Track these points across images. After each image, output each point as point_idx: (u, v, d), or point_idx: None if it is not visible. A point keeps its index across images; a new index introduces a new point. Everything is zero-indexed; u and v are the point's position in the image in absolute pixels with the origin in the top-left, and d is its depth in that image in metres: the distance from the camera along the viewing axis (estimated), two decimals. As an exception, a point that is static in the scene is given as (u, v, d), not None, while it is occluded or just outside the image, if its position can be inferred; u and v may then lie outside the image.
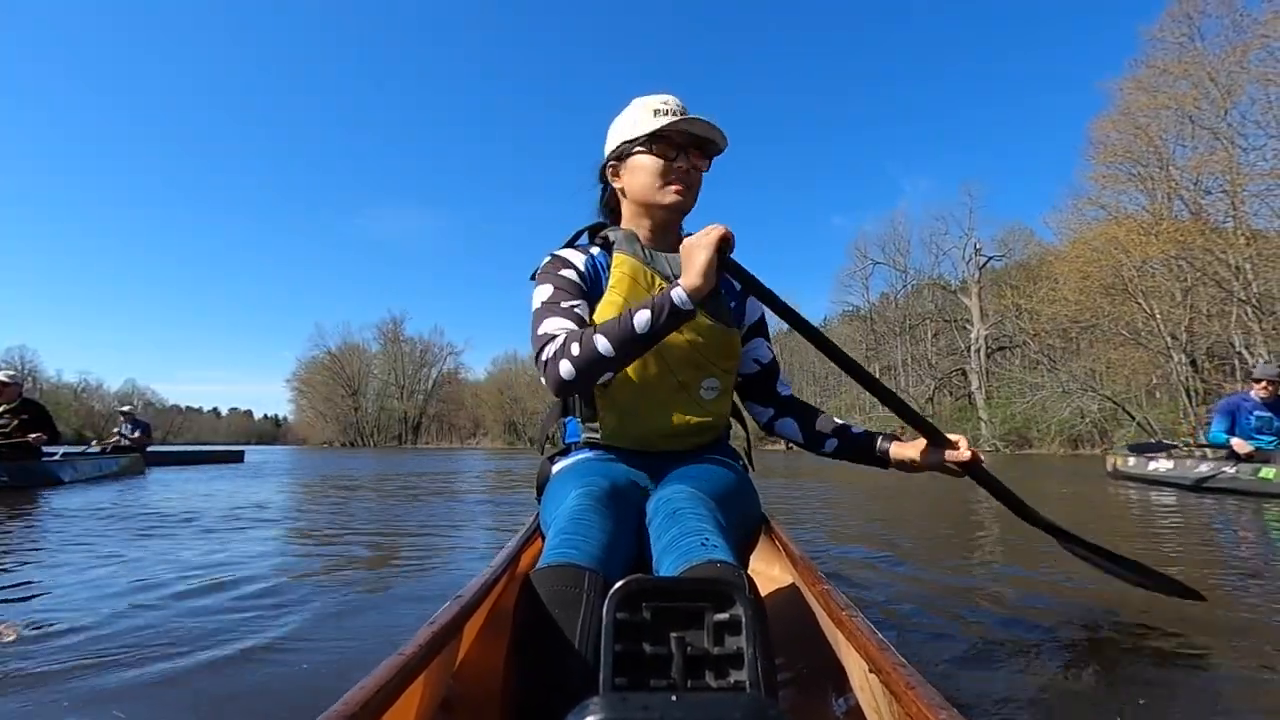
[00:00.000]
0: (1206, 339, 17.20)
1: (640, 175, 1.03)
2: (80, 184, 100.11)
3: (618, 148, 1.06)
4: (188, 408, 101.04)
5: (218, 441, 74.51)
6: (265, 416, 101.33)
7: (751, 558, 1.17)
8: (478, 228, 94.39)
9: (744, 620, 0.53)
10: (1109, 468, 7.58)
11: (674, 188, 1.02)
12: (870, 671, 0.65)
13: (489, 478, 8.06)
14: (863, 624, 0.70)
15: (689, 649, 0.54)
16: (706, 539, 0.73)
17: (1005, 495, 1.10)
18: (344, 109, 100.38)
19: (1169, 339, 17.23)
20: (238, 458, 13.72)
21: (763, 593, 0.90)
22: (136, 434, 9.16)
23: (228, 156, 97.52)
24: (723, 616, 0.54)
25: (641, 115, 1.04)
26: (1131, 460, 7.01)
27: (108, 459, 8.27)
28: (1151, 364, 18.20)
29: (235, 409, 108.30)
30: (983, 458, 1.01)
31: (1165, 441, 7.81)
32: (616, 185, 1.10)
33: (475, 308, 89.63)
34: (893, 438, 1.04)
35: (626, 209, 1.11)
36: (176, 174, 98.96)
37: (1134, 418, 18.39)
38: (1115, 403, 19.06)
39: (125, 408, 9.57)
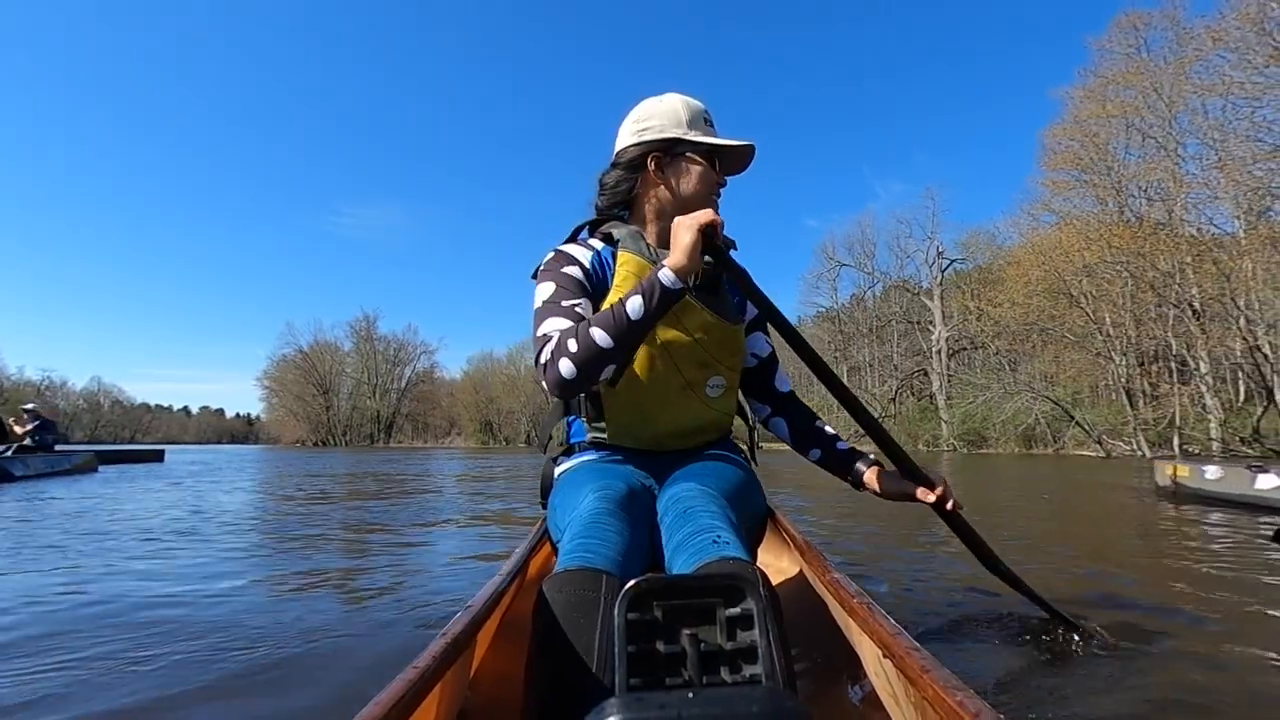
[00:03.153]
0: (1151, 342, 17.97)
1: (693, 182, 1.02)
2: (48, 176, 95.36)
3: (668, 141, 1.01)
4: (156, 406, 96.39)
5: (187, 441, 71.35)
6: (237, 415, 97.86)
7: (759, 550, 1.16)
8: (453, 226, 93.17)
9: (755, 613, 0.53)
10: (1162, 480, 5.17)
11: (715, 205, 1.04)
12: (884, 657, 0.66)
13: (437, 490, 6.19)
14: (874, 610, 0.71)
15: (702, 645, 0.53)
16: (719, 536, 0.73)
17: (974, 542, 1.11)
18: (320, 103, 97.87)
19: (1115, 341, 17.97)
20: (157, 457, 13.14)
21: (773, 584, 0.90)
22: (42, 432, 8.59)
23: (209, 152, 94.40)
24: (734, 611, 0.55)
25: (694, 118, 1.02)
26: (1211, 472, 4.54)
27: (59, 457, 8.21)
28: (1094, 365, 18.91)
29: (206, 407, 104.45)
30: (962, 507, 1.01)
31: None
32: (654, 177, 1.02)
33: (450, 306, 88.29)
34: (874, 463, 1.04)
35: (650, 206, 1.05)
36: (151, 168, 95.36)
37: (1074, 418, 18.98)
38: (1055, 402, 19.64)
39: (29, 405, 8.97)
